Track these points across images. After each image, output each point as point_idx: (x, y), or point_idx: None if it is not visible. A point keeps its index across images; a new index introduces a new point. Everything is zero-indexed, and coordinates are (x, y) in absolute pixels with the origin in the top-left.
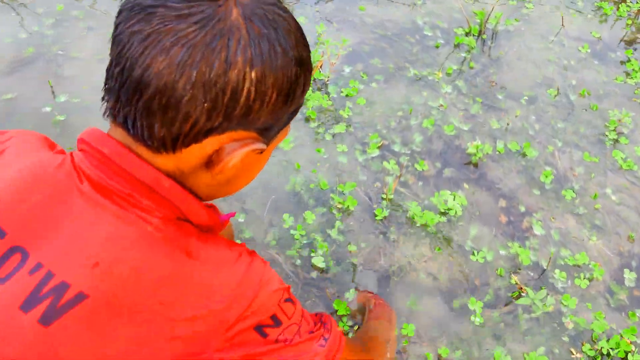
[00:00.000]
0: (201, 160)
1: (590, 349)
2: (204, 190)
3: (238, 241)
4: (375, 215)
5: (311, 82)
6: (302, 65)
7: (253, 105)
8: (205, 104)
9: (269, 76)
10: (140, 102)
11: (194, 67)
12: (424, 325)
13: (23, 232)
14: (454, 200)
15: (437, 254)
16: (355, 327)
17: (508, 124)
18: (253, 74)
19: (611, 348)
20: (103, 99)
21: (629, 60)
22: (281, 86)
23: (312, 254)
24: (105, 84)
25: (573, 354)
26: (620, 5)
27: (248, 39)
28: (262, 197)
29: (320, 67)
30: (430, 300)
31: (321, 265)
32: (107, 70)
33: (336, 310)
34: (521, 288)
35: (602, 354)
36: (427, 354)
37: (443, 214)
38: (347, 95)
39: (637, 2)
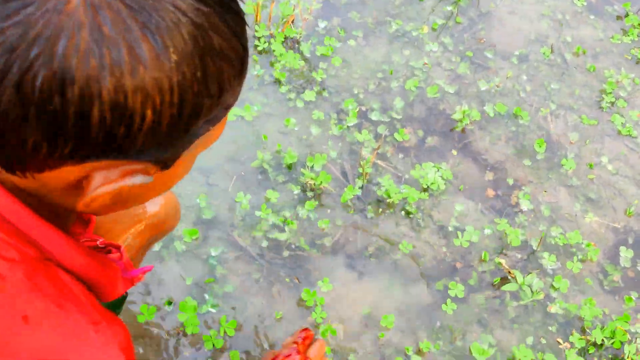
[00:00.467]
0: (67, 186)
1: (581, 339)
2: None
3: (196, 231)
4: (350, 192)
5: (248, 68)
6: (200, 68)
7: (113, 130)
8: (41, 128)
9: (132, 92)
10: None
11: (13, 80)
12: (403, 313)
13: None
14: (437, 173)
15: (417, 233)
16: None
17: (498, 86)
18: (103, 92)
19: (606, 337)
20: None
21: (627, 15)
22: (160, 103)
23: (279, 236)
24: None
25: (560, 344)
26: None
27: (90, 41)
28: (228, 171)
29: (292, 22)
30: (410, 285)
31: (289, 248)
32: None
33: (305, 301)
34: (509, 272)
35: (595, 344)
36: (407, 348)
37: (425, 189)
38: (322, 55)
39: None
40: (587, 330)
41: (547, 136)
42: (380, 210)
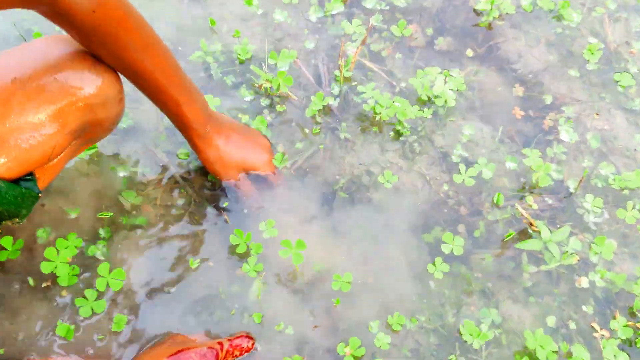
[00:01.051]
0: None
1: (626, 325)
2: None
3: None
4: (320, 102)
5: None
6: None
7: None
8: None
9: None
10: None
11: None
12: (371, 273)
13: None
14: (445, 84)
15: (409, 162)
16: None
17: None
18: None
19: None
20: None
21: None
22: None
23: None
24: None
25: (596, 331)
26: None
27: None
28: None
29: None
30: (388, 233)
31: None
32: None
33: (235, 247)
34: (530, 223)
35: None
36: (370, 325)
37: (425, 103)
38: None
39: None
40: (638, 314)
41: (603, 44)
42: (361, 128)
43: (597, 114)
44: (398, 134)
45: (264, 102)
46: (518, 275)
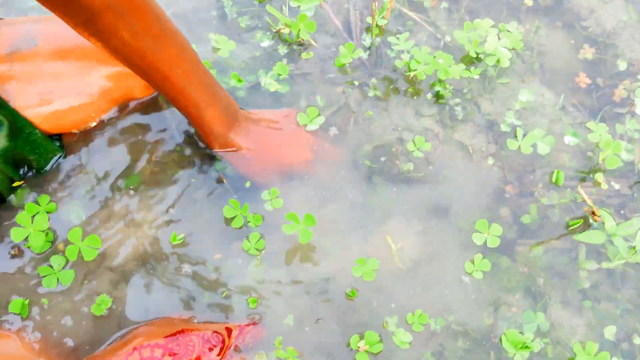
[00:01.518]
0: None
1: None
2: None
3: None
4: (350, 53)
5: None
6: None
7: None
8: None
9: None
10: None
11: None
12: (392, 262)
13: None
14: (498, 38)
15: (449, 130)
16: None
17: None
18: None
19: None
20: None
21: None
22: None
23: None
24: None
25: None
26: None
27: None
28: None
29: None
30: (415, 215)
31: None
32: None
33: (230, 220)
34: (593, 211)
35: None
36: (385, 322)
37: (473, 61)
38: None
39: None
40: None
41: None
42: (393, 87)
43: None
44: (437, 96)
45: (282, 49)
46: (573, 273)
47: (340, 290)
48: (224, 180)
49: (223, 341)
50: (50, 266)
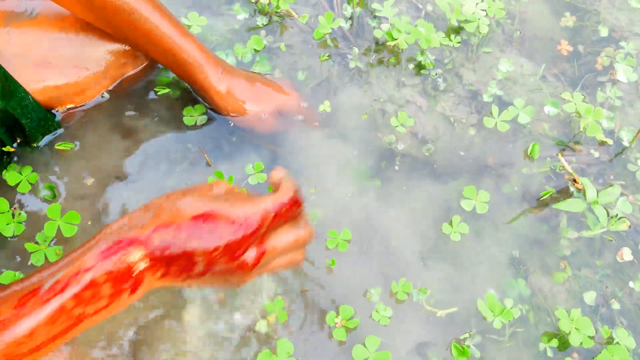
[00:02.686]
0: None
1: None
2: None
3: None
4: (329, 23)
5: None
6: None
7: None
8: None
9: None
10: None
11: None
12: (375, 232)
13: None
14: (478, 4)
15: (432, 101)
16: None
17: None
18: None
19: None
20: None
21: None
22: None
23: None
24: None
25: None
26: None
27: None
28: None
29: None
30: (398, 185)
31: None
32: None
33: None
34: (574, 179)
35: None
36: (368, 293)
37: (455, 31)
38: None
39: None
40: None
41: None
42: (375, 57)
43: None
44: (419, 66)
45: (261, 21)
46: (554, 241)
47: (320, 259)
48: (205, 154)
49: (258, 228)
50: (37, 242)
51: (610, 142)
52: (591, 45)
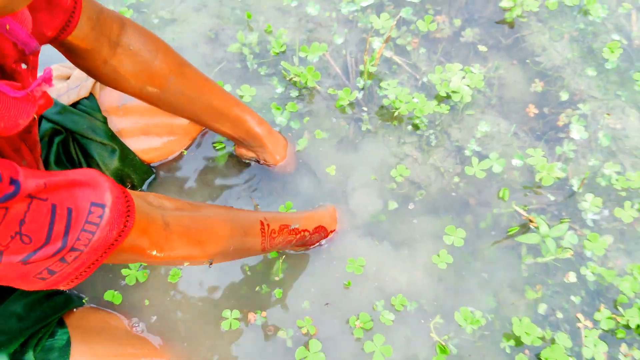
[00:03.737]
0: None
1: (610, 317)
2: None
3: None
4: (347, 96)
5: None
6: None
7: None
8: None
9: None
10: None
11: None
12: (377, 258)
13: None
14: (463, 79)
15: (426, 155)
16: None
17: None
18: None
19: None
20: None
21: None
22: None
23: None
24: None
25: (580, 321)
26: None
27: None
28: (203, 55)
29: None
30: (397, 217)
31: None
32: None
33: None
34: (529, 219)
35: (628, 327)
36: (375, 305)
37: (443, 99)
38: None
39: None
40: (619, 309)
41: (626, 40)
42: (381, 121)
43: (608, 114)
44: (416, 127)
45: (293, 93)
46: (516, 265)
47: (339, 281)
48: (253, 200)
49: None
50: (129, 267)
51: (563, 188)
52: (554, 107)
